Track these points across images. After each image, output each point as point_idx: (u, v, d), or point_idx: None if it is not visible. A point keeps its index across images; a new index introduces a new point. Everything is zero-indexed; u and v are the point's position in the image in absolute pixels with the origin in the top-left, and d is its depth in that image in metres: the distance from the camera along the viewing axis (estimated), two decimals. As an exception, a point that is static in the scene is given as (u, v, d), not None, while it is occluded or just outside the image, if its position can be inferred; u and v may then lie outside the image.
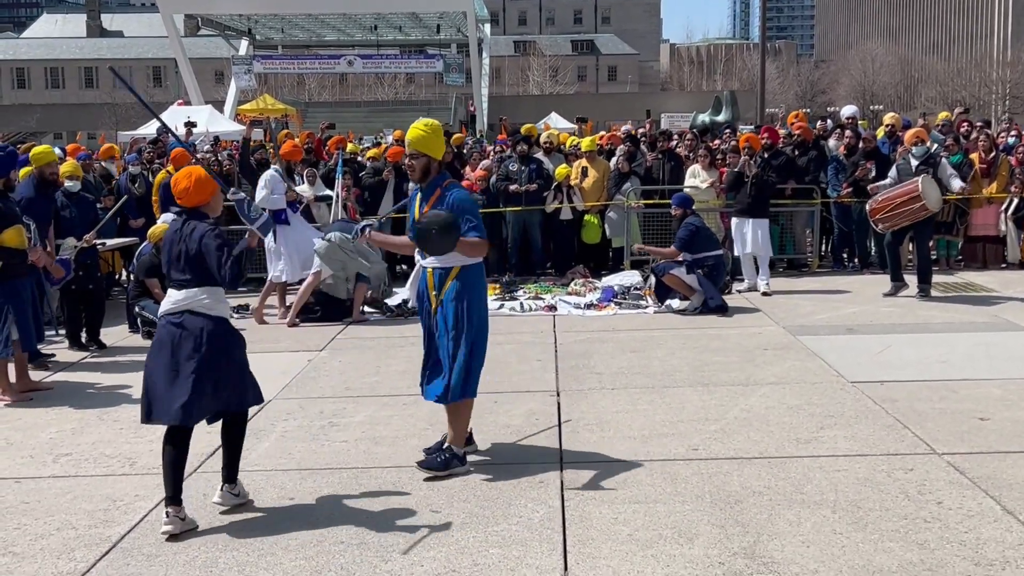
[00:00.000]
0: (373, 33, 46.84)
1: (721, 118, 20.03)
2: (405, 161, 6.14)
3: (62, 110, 67.37)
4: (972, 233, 13.47)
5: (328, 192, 12.23)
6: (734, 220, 12.00)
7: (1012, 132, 15.07)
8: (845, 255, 13.82)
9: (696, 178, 13.09)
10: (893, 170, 11.56)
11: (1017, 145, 14.04)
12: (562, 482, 5.59)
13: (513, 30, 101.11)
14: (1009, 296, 11.18)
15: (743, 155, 11.87)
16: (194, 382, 5.00)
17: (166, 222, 9.88)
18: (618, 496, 5.34)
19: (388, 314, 11.02)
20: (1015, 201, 13.04)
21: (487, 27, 50.43)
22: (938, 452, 5.92)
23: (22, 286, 7.82)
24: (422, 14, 42.85)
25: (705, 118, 20.57)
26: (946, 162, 11.83)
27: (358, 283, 10.77)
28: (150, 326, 9.30)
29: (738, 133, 16.05)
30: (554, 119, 34.96)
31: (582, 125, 21.72)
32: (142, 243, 10.66)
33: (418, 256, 5.92)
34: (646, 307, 11.04)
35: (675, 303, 10.93)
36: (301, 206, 11.32)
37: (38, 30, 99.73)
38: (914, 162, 11.25)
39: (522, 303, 11.35)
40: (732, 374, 7.99)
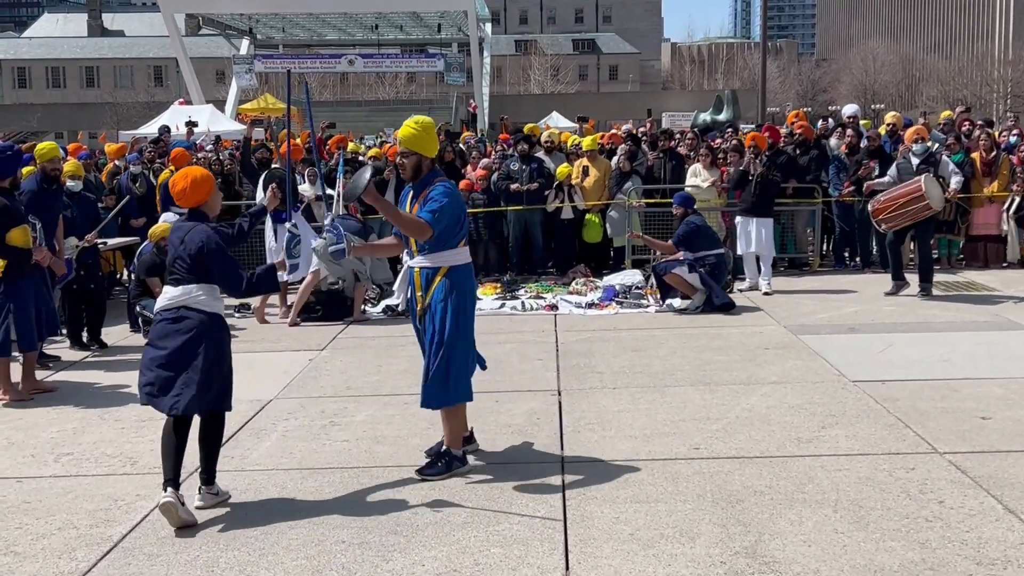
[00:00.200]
0: (374, 32, 46.85)
1: (722, 117, 20.03)
2: (397, 159, 6.10)
3: (63, 109, 67.32)
4: (973, 232, 13.47)
5: (330, 192, 12.23)
6: (738, 218, 11.99)
7: (1014, 131, 15.05)
8: (846, 254, 13.82)
9: (697, 177, 13.09)
10: (893, 168, 11.56)
11: (1018, 144, 14.03)
12: (563, 481, 5.58)
13: (514, 29, 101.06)
14: (1010, 295, 11.17)
15: (748, 154, 11.87)
16: (195, 375, 5.14)
17: (167, 221, 9.89)
18: (619, 495, 5.34)
19: (388, 313, 11.02)
20: (1017, 200, 13.03)
21: (488, 26, 50.39)
22: (940, 451, 5.92)
23: (25, 285, 7.81)
24: (423, 13, 42.85)
25: (706, 117, 20.57)
26: (947, 159, 11.83)
27: (357, 282, 10.77)
28: (151, 325, 9.30)
29: (740, 132, 16.06)
30: (555, 118, 34.92)
31: (583, 124, 21.69)
32: (143, 242, 10.66)
33: (405, 257, 5.89)
34: (647, 306, 11.04)
35: (676, 302, 10.92)
36: (302, 205, 11.31)
37: (39, 29, 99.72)
38: (915, 160, 11.25)
39: (523, 302, 11.35)
40: (733, 373, 7.98)
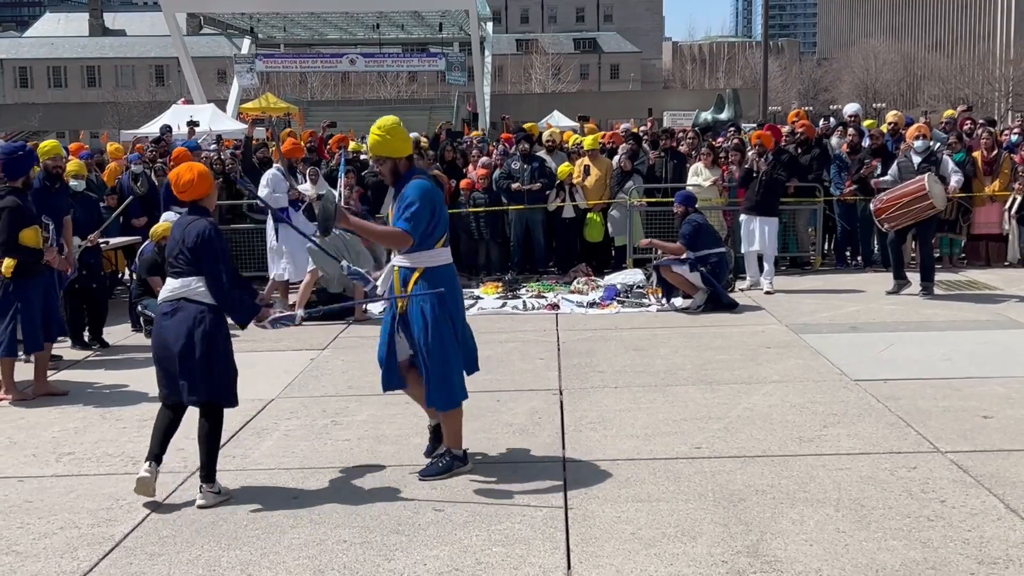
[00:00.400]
0: (375, 32, 46.78)
1: (724, 116, 20.04)
2: (376, 167, 6.07)
3: (64, 109, 67.31)
4: (975, 231, 13.46)
5: (332, 191, 12.23)
6: (742, 217, 11.97)
7: (1015, 130, 15.04)
8: (848, 253, 13.81)
9: (699, 176, 13.08)
10: (894, 167, 11.55)
11: (1020, 143, 14.02)
12: (565, 481, 5.58)
13: (515, 28, 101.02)
14: (1012, 294, 11.17)
15: (753, 153, 11.86)
16: (191, 364, 5.33)
17: (168, 220, 9.90)
18: (621, 495, 5.34)
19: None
20: (1018, 199, 13.01)
21: (489, 25, 50.30)
22: (941, 450, 5.91)
23: (34, 286, 7.79)
24: (424, 13, 42.79)
25: (708, 116, 20.58)
26: (947, 158, 11.83)
27: (355, 282, 10.77)
28: (152, 325, 9.31)
29: (742, 131, 16.06)
30: (556, 117, 34.92)
31: (584, 124, 21.69)
32: (144, 242, 10.66)
33: (394, 255, 5.84)
34: (649, 305, 11.04)
35: (678, 301, 10.93)
36: (303, 205, 11.32)
37: (40, 29, 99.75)
38: (916, 159, 11.24)
39: (525, 301, 11.35)
40: (735, 372, 7.98)
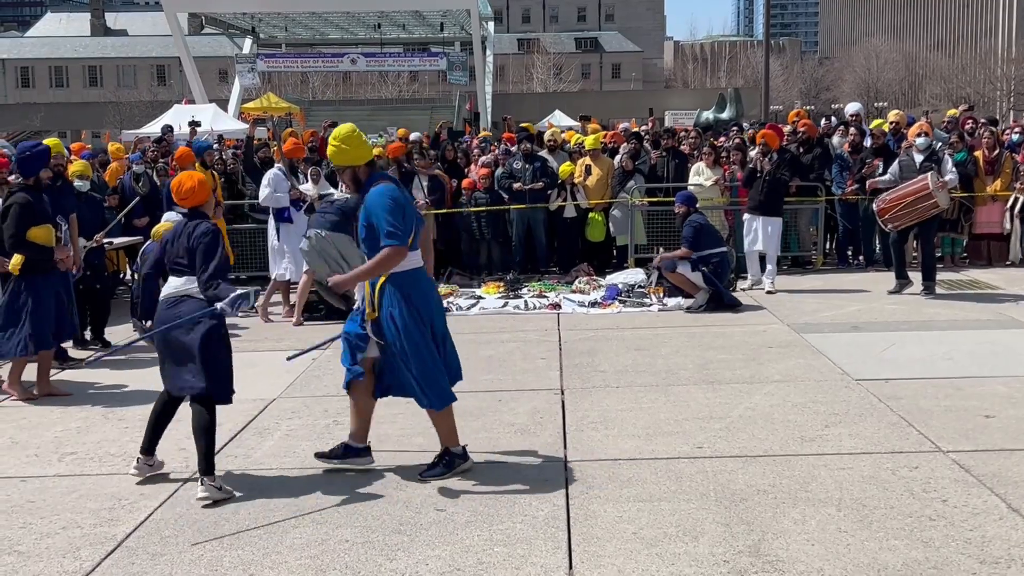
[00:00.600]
0: (376, 31, 46.82)
1: (725, 115, 20.06)
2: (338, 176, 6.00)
3: (66, 109, 67.37)
4: (977, 231, 13.46)
5: (333, 191, 12.23)
6: (745, 216, 11.96)
7: (1016, 130, 15.03)
8: (850, 252, 13.81)
9: (700, 176, 13.08)
10: (895, 166, 11.54)
11: (1022, 142, 14.01)
12: (566, 480, 5.58)
13: (517, 28, 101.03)
14: (1014, 293, 11.17)
15: (757, 152, 11.85)
16: (189, 358, 5.52)
17: (170, 220, 9.89)
18: (623, 494, 5.34)
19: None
20: (1020, 199, 13.00)
21: (491, 25, 50.31)
22: (943, 450, 5.91)
23: (43, 283, 7.77)
24: (426, 12, 42.83)
25: (709, 115, 20.60)
26: (948, 157, 11.83)
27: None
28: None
29: (745, 130, 16.05)
30: (558, 117, 34.92)
31: (586, 123, 21.68)
32: (146, 242, 10.66)
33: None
34: (650, 305, 11.04)
35: (681, 301, 10.93)
36: (305, 204, 11.33)
37: (42, 29, 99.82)
38: (918, 157, 11.23)
39: (526, 301, 11.36)
40: (737, 372, 7.98)
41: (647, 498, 5.28)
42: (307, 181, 12.18)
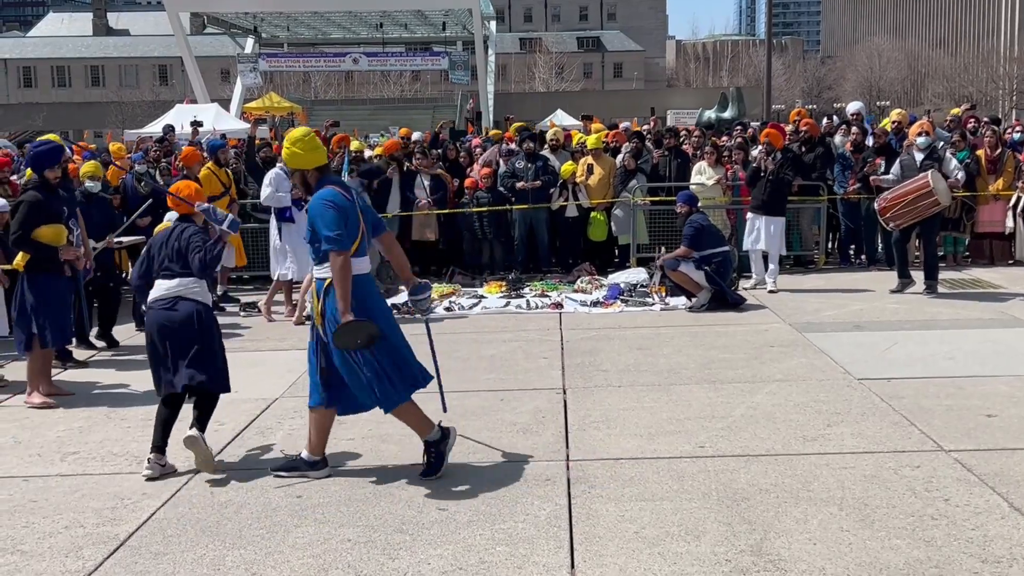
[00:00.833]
0: (379, 31, 46.76)
1: (727, 114, 20.04)
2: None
3: (68, 109, 67.41)
4: (979, 230, 13.45)
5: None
6: (748, 215, 11.95)
7: (1018, 128, 15.02)
8: (852, 252, 13.80)
9: (702, 175, 13.07)
10: (896, 165, 11.54)
11: (1023, 141, 14.00)
12: (568, 480, 5.59)
13: (519, 27, 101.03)
14: (1016, 292, 11.16)
15: (761, 151, 11.84)
16: (190, 357, 5.80)
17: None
18: (625, 494, 5.35)
19: (394, 311, 11.01)
20: (1023, 198, 12.98)
21: (493, 24, 50.30)
22: (945, 449, 5.91)
23: (50, 283, 7.74)
24: (428, 12, 42.77)
25: (711, 114, 20.58)
26: (950, 155, 11.81)
27: None
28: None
29: (748, 129, 16.04)
30: (560, 116, 34.90)
31: (588, 123, 21.67)
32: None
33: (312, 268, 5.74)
34: (652, 304, 11.04)
35: (683, 300, 10.94)
36: (306, 204, 11.34)
37: (44, 29, 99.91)
38: (919, 156, 11.22)
39: (528, 301, 11.36)
40: (739, 371, 7.98)
41: (649, 497, 5.28)
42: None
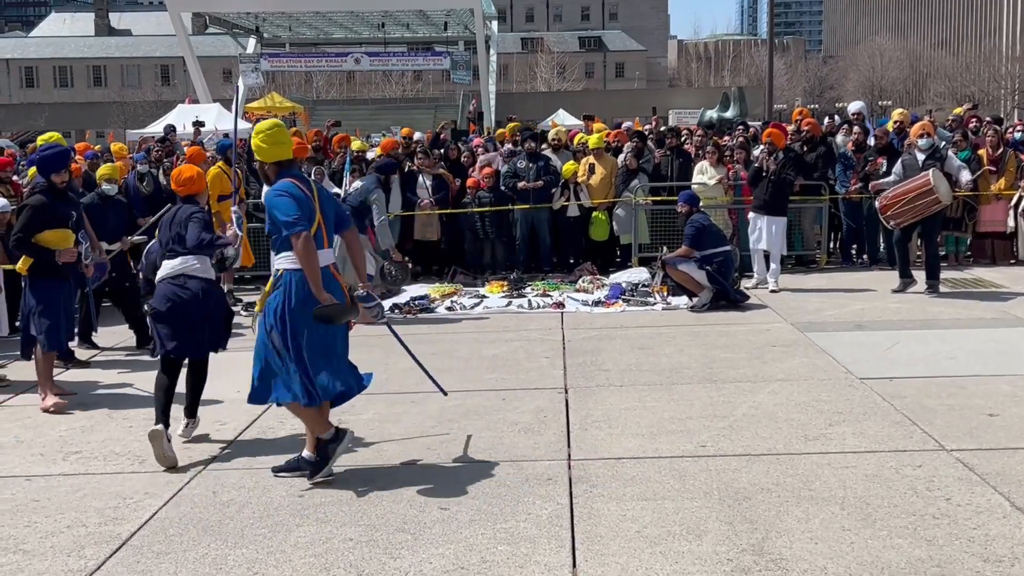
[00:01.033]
0: (380, 31, 46.77)
1: (729, 114, 19.99)
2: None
3: (70, 109, 67.43)
4: (981, 229, 13.44)
5: (338, 190, 12.24)
6: (750, 215, 11.94)
7: (1019, 128, 15.01)
8: (854, 251, 13.80)
9: (704, 175, 13.07)
10: (898, 165, 11.53)
11: (1024, 141, 13.99)
12: (570, 479, 5.59)
13: (520, 27, 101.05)
14: (1018, 292, 11.15)
15: (763, 151, 11.84)
16: (200, 327, 6.22)
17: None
18: (626, 493, 5.35)
19: (395, 312, 11.01)
20: (1025, 198, 12.98)
21: (494, 24, 50.32)
22: (947, 448, 5.91)
23: (51, 286, 7.70)
24: (429, 12, 42.80)
25: (713, 114, 20.54)
26: (952, 155, 11.80)
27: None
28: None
29: (750, 129, 16.03)
30: (561, 116, 34.91)
31: (589, 122, 21.67)
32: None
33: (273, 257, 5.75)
34: (654, 304, 11.04)
35: (685, 300, 10.94)
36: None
37: (46, 29, 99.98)
38: (920, 156, 11.22)
39: (530, 300, 11.36)
40: (740, 371, 7.98)
41: (651, 497, 5.28)
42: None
